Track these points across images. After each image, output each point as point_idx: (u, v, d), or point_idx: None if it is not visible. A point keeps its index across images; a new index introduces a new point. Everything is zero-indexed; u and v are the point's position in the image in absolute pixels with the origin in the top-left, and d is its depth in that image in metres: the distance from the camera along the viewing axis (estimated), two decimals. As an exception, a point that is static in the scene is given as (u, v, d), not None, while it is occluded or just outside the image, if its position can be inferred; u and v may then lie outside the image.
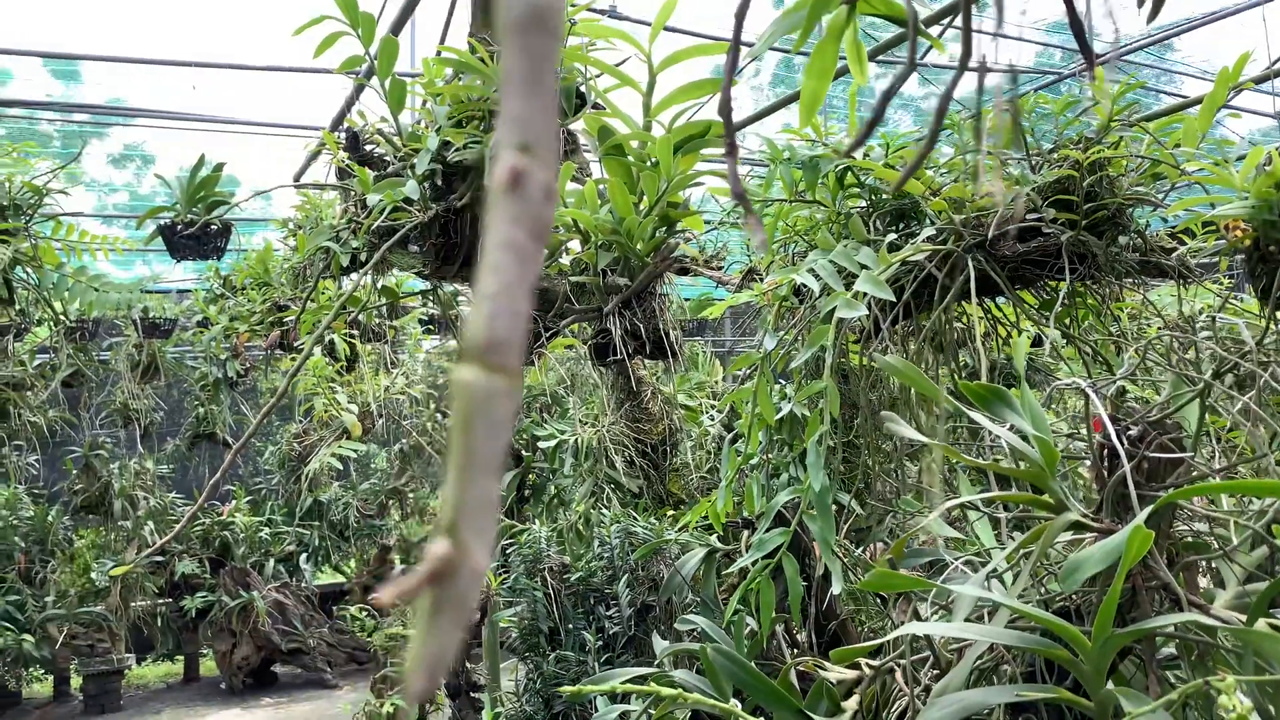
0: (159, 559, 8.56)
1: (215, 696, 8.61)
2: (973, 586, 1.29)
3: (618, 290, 1.95)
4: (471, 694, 4.57)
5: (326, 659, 8.74)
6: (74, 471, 8.54)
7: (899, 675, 1.45)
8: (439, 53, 2.37)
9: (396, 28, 3.10)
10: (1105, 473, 1.45)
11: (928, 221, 2.50)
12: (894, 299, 2.14)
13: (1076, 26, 1.07)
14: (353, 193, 2.91)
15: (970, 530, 1.73)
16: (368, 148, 3.00)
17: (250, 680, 8.70)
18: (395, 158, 2.55)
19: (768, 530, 2.15)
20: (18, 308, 5.60)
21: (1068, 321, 2.60)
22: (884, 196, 2.57)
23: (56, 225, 4.87)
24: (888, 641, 1.36)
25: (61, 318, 6.38)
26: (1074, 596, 1.50)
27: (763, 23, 1.36)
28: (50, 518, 8.66)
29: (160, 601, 8.72)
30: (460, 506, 0.28)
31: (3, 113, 6.33)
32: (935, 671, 1.56)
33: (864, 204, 2.66)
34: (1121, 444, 1.38)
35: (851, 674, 1.46)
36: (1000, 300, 2.83)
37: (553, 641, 3.74)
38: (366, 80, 2.56)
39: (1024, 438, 1.42)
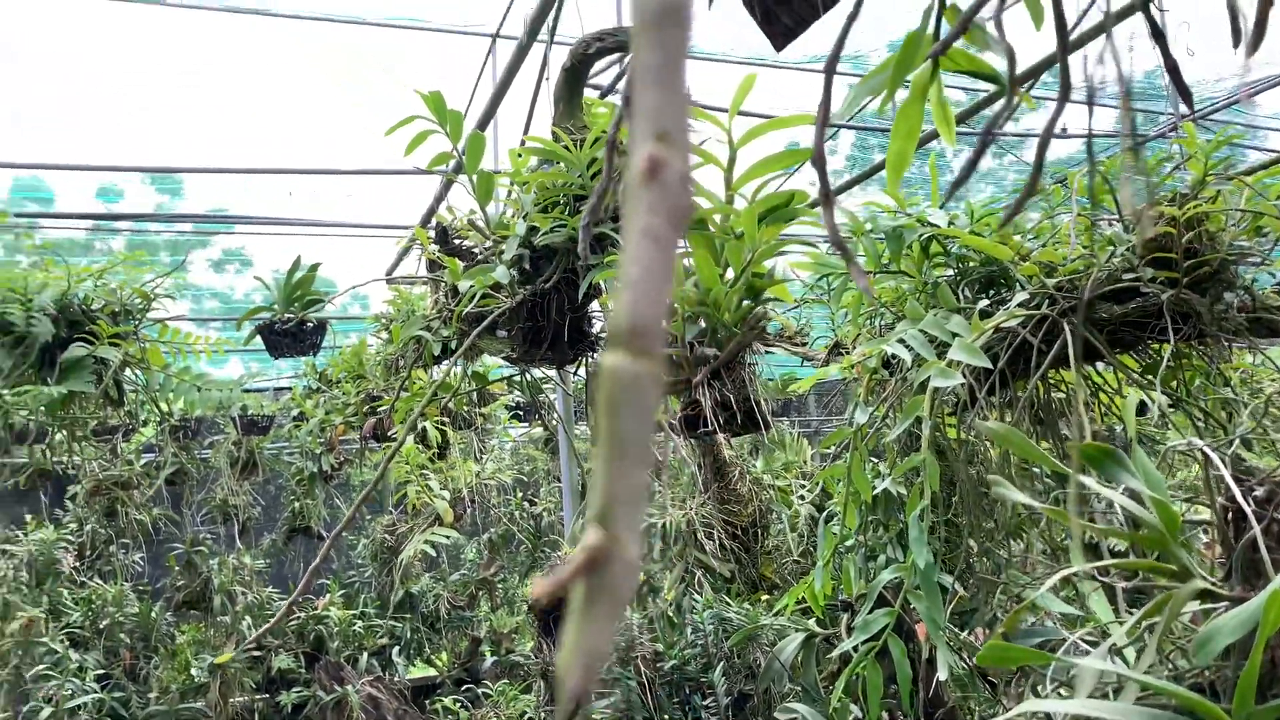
0: (256, 654, 8.67)
1: (310, 794, 8.58)
2: (1096, 660, 1.22)
3: (706, 361, 1.95)
4: (566, 788, 4.44)
5: (419, 756, 8.66)
6: (176, 568, 8.76)
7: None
8: (524, 143, 2.45)
9: (483, 123, 3.21)
10: (1232, 537, 1.37)
11: (1018, 287, 2.45)
12: (990, 366, 2.09)
13: (1172, 68, 1.04)
14: (443, 284, 2.99)
15: (1084, 605, 1.64)
16: (456, 241, 3.09)
17: (344, 777, 8.65)
18: (484, 247, 2.62)
19: (870, 611, 2.07)
20: (126, 408, 5.84)
21: (1174, 385, 2.50)
22: (972, 264, 2.53)
23: (163, 328, 5.10)
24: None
25: (166, 417, 6.63)
26: (1206, 672, 1.41)
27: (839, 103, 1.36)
28: (154, 614, 8.88)
29: (258, 697, 8.80)
30: (611, 496, 0.28)
31: (115, 226, 6.71)
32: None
33: (951, 272, 2.62)
34: (1248, 505, 1.30)
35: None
36: (1100, 366, 2.74)
37: (648, 732, 3.65)
38: (455, 176, 2.65)
39: (1139, 501, 1.36)
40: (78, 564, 8.80)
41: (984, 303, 2.33)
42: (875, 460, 3.16)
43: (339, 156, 5.76)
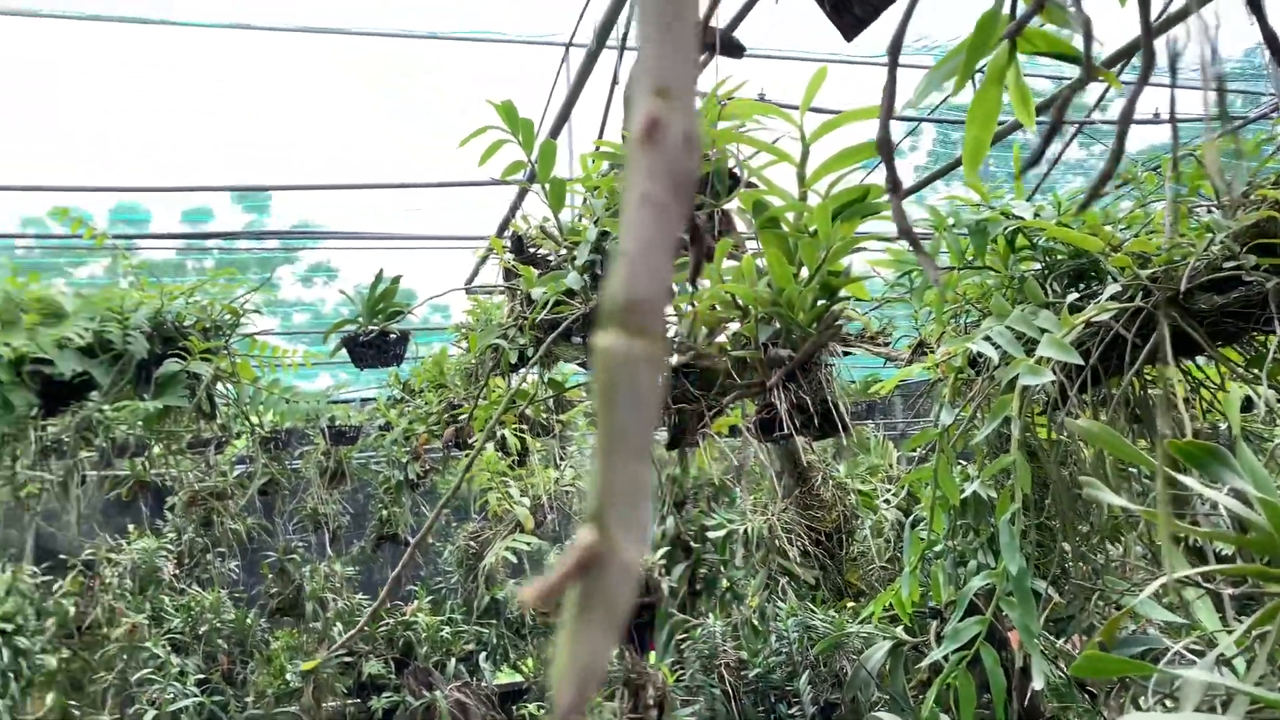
0: (347, 659, 8.85)
1: (402, 798, 8.71)
2: (1202, 671, 1.15)
3: (781, 363, 1.90)
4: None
5: (507, 760, 8.72)
6: (269, 575, 9.00)
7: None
8: (597, 148, 2.44)
9: (555, 131, 3.22)
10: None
11: (1110, 279, 2.34)
12: (1081, 362, 2.00)
13: (1272, 42, 0.98)
14: (519, 292, 3.00)
15: (1188, 612, 1.55)
16: (531, 249, 3.10)
17: (432, 781, 8.76)
18: (558, 254, 2.62)
19: (961, 619, 2.00)
20: (219, 421, 6.01)
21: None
22: (1060, 257, 2.43)
23: (252, 343, 5.24)
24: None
25: (257, 429, 6.80)
26: (1326, 684, 1.32)
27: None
28: (249, 620, 9.12)
29: (349, 702, 8.98)
30: (606, 492, 0.25)
31: (206, 245, 6.94)
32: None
33: (1038, 266, 2.53)
34: (1369, 505, 1.22)
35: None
36: (1200, 360, 2.61)
37: (733, 741, 3.60)
38: (529, 185, 2.66)
39: (1246, 503, 1.27)
40: (177, 572, 9.11)
41: (1073, 297, 2.24)
42: (963, 463, 3.06)
43: (413, 170, 5.85)
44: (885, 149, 0.69)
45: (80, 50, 5.37)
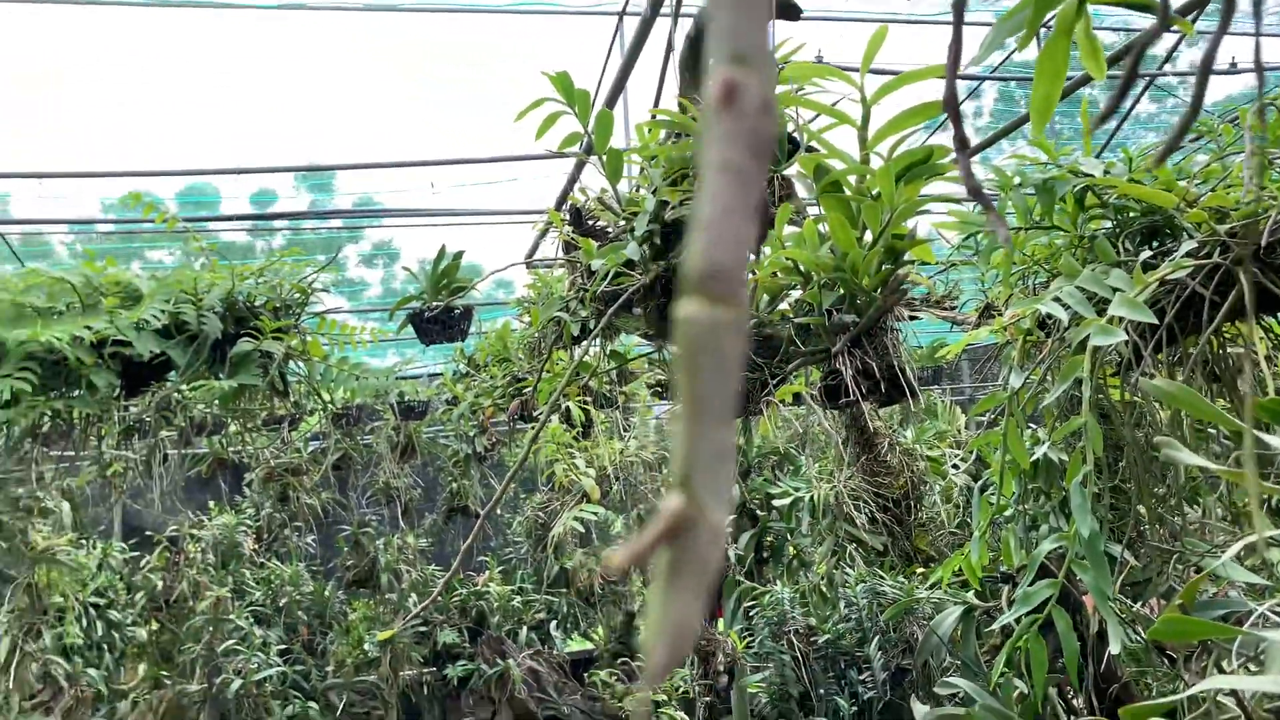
0: (422, 629, 9.05)
1: (478, 762, 8.91)
2: (1289, 635, 1.12)
3: (845, 329, 1.88)
4: (724, 763, 4.48)
5: (580, 727, 8.87)
6: (345, 549, 9.22)
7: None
8: (653, 117, 2.43)
9: (610, 101, 3.21)
10: None
11: (1185, 236, 2.27)
12: (1155, 322, 1.95)
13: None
14: (579, 265, 3.01)
15: (1273, 574, 1.51)
16: (590, 222, 3.10)
17: (508, 747, 8.95)
18: (616, 226, 2.62)
19: (1032, 583, 1.97)
20: (292, 399, 6.14)
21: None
22: (1132, 214, 2.36)
23: (321, 321, 5.34)
24: (1181, 701, 1.19)
25: (329, 405, 6.95)
26: None
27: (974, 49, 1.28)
28: (326, 593, 9.37)
29: (426, 670, 9.19)
30: (692, 459, 0.25)
31: (273, 226, 7.07)
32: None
33: (1109, 225, 2.46)
34: None
35: (1146, 737, 1.29)
36: (1282, 317, 2.52)
37: (804, 707, 3.61)
38: (586, 156, 2.66)
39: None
40: (256, 546, 9.38)
41: (1146, 254, 2.17)
42: (1033, 426, 3.00)
43: (476, 145, 5.89)
44: (952, 106, 0.67)
45: (142, 36, 5.50)
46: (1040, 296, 2.27)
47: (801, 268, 1.94)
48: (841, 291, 1.89)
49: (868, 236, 1.88)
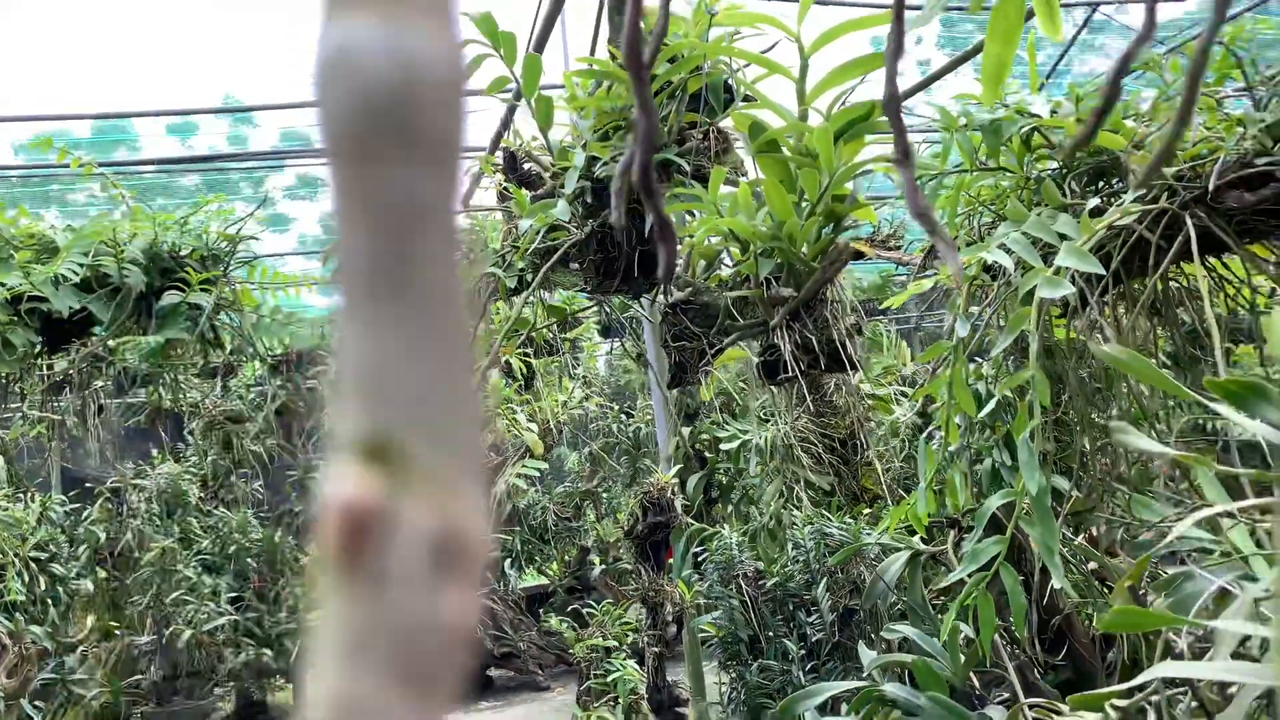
0: (375, 572, 9.03)
1: (437, 701, 8.96)
2: (1238, 621, 1.09)
3: (783, 301, 1.80)
4: (675, 709, 4.50)
5: (538, 661, 8.94)
6: (293, 494, 9.11)
7: (1151, 717, 1.25)
8: (589, 65, 2.30)
9: (539, 45, 3.06)
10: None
11: (1132, 178, 2.22)
12: (1103, 272, 1.90)
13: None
14: (514, 214, 2.89)
15: (1223, 538, 1.49)
16: (525, 166, 2.97)
17: (466, 686, 9.01)
18: (548, 176, 2.50)
19: (980, 540, 1.95)
20: (229, 349, 5.96)
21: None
22: (1079, 155, 2.30)
23: (251, 269, 5.15)
24: (1134, 687, 1.16)
25: (266, 356, 6.78)
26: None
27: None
28: (277, 538, 9.27)
29: (380, 612, 9.18)
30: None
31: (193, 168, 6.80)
32: (1195, 704, 1.35)
33: (1055, 166, 2.40)
34: None
35: (1093, 717, 1.26)
36: (1225, 256, 2.50)
37: (754, 650, 3.62)
38: (516, 101, 2.52)
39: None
40: (203, 495, 9.24)
41: (1094, 201, 2.12)
42: (979, 360, 2.98)
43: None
44: (894, 109, 0.58)
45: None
46: (986, 243, 2.21)
47: (738, 235, 1.84)
48: (779, 260, 1.80)
49: (806, 201, 1.78)
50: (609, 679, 3.81)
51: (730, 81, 1.95)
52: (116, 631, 8.84)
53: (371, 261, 0.19)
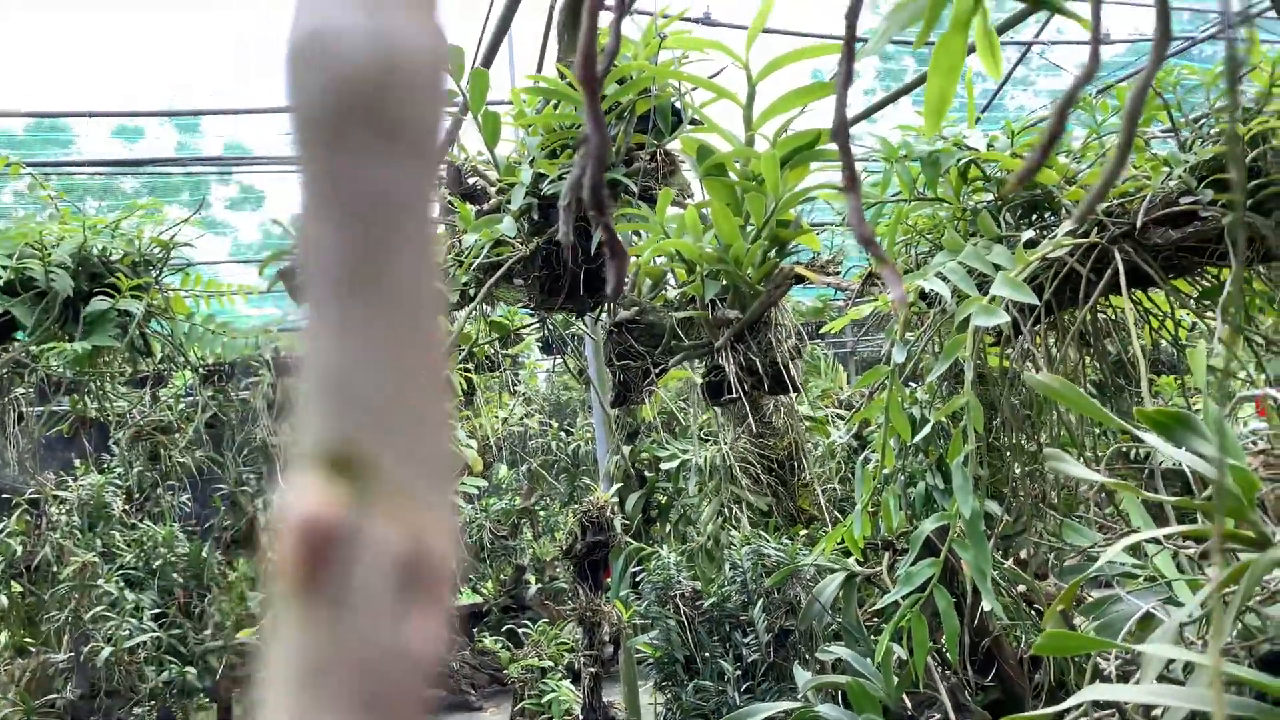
0: (305, 589, 8.85)
1: (366, 721, 8.79)
2: (1164, 645, 1.12)
3: (729, 323, 1.82)
4: (611, 729, 4.49)
5: (470, 681, 8.83)
6: (222, 508, 8.91)
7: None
8: (535, 83, 2.30)
9: (487, 60, 3.06)
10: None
11: (1065, 212, 2.29)
12: (1036, 302, 1.95)
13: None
14: (458, 228, 2.87)
15: (1148, 563, 1.53)
16: (470, 180, 2.96)
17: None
18: (494, 191, 2.49)
19: (914, 563, 1.98)
20: (159, 358, 5.82)
21: (1233, 311, 2.34)
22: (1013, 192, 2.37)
23: (185, 276, 5.04)
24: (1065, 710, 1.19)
25: (197, 366, 6.63)
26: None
27: (871, 20, 1.21)
28: (204, 553, 9.04)
29: (309, 630, 9.00)
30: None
31: (135, 171, 6.65)
32: (1118, 726, 1.38)
33: (991, 198, 2.46)
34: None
35: (1022, 739, 1.29)
36: (1150, 290, 2.59)
37: (690, 670, 3.62)
38: (462, 115, 2.51)
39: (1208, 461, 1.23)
40: (127, 507, 8.98)
41: (1029, 233, 2.18)
42: (914, 385, 3.03)
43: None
44: (841, 137, 0.60)
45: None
46: (923, 271, 2.26)
47: (684, 257, 1.86)
48: (725, 283, 1.82)
49: (752, 225, 1.81)
50: (544, 699, 3.78)
51: (678, 105, 1.97)
52: (31, 648, 8.54)
53: (340, 259, 0.19)
